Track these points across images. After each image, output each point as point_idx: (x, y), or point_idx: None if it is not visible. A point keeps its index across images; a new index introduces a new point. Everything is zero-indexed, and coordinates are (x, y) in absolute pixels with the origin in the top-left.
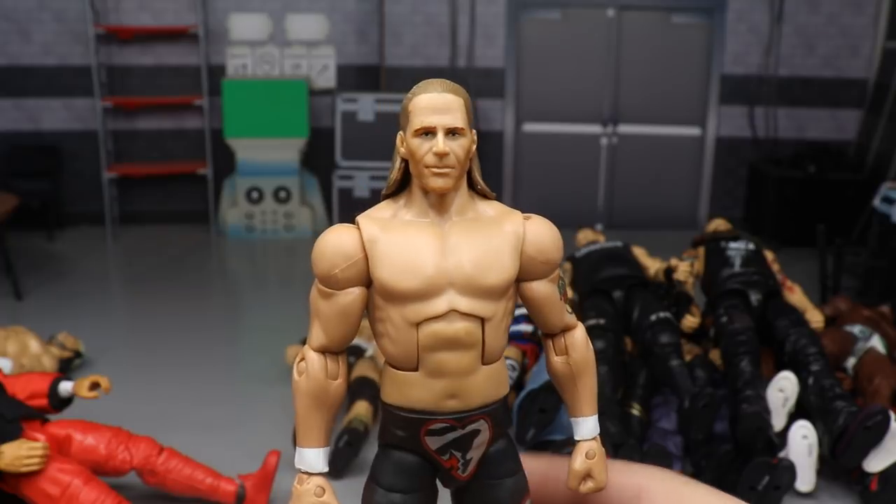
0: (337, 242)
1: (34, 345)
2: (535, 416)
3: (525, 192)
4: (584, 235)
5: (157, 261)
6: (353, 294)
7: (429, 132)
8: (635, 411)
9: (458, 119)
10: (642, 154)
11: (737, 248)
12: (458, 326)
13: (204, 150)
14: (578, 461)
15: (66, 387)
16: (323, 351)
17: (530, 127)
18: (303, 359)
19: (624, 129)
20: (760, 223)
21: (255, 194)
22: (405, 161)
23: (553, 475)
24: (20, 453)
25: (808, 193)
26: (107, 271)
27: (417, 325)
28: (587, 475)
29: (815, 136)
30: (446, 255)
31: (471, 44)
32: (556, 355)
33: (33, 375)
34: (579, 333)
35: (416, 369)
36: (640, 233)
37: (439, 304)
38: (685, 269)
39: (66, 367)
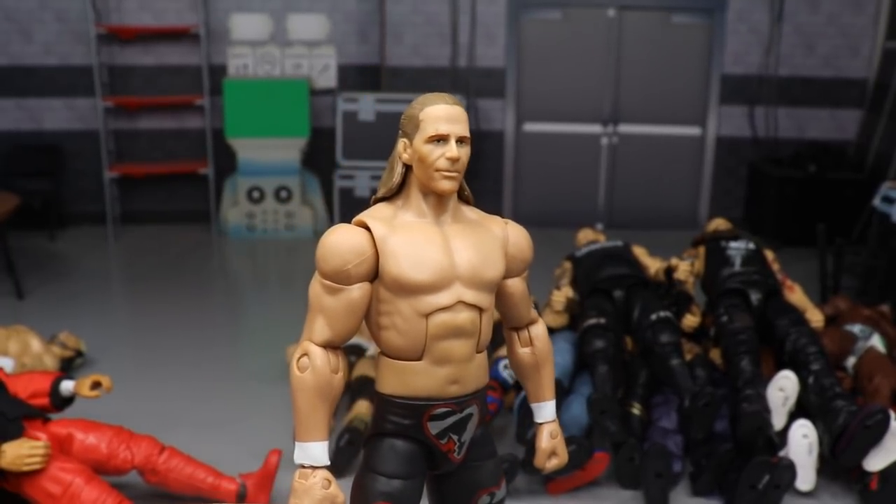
0: (348, 240)
1: (36, 344)
2: None
3: (525, 191)
4: (585, 235)
5: (159, 260)
6: (364, 289)
7: (441, 139)
8: (636, 410)
9: (466, 129)
10: (642, 154)
11: (737, 248)
12: (464, 316)
13: (205, 149)
14: (545, 440)
15: (67, 386)
16: (326, 345)
17: (531, 127)
18: (303, 354)
19: (624, 128)
20: (760, 223)
21: (256, 194)
22: (406, 166)
23: None
24: (22, 452)
25: (809, 193)
26: (108, 271)
27: (427, 315)
28: (552, 453)
29: (816, 135)
30: (451, 253)
31: (471, 43)
32: (522, 347)
33: (35, 374)
34: (542, 327)
35: (419, 358)
36: (640, 232)
37: (447, 296)
38: (685, 269)
39: (68, 367)
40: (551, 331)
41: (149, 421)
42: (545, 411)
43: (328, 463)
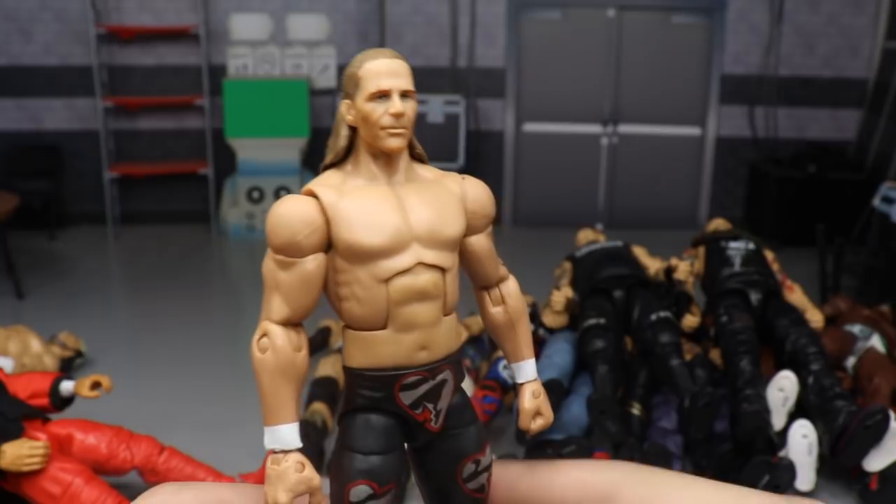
0: (297, 210)
1: (35, 344)
2: None
3: (525, 191)
4: (585, 235)
5: (158, 260)
6: (319, 260)
7: (383, 95)
8: (635, 410)
9: (409, 82)
10: (642, 154)
11: (737, 248)
12: (426, 278)
13: (205, 149)
14: (527, 400)
15: (67, 386)
16: (285, 323)
17: (531, 127)
18: (263, 335)
19: (624, 128)
20: (760, 223)
21: (255, 194)
22: (351, 129)
23: (525, 481)
24: (21, 452)
25: (808, 193)
26: (108, 271)
27: (386, 281)
28: (536, 413)
29: (815, 135)
30: (406, 213)
31: (471, 44)
32: (494, 306)
33: (35, 375)
34: (512, 283)
35: (384, 327)
36: (640, 232)
37: (405, 259)
38: (685, 269)
39: (68, 367)
40: (551, 331)
41: (149, 421)
42: (526, 370)
43: (300, 445)
